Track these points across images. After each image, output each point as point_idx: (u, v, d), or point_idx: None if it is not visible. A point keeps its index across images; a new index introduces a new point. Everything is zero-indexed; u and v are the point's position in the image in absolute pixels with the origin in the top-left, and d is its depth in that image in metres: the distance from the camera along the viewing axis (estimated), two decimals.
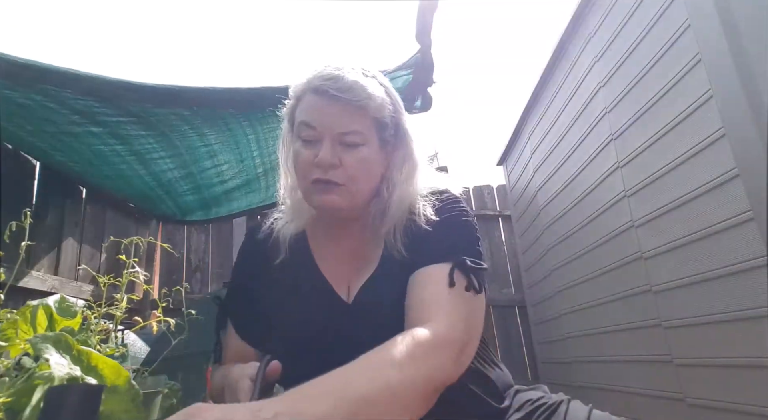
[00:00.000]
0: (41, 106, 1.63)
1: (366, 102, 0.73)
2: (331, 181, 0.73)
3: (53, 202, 2.24)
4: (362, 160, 0.75)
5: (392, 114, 0.78)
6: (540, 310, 3.23)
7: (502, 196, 3.81)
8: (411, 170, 0.80)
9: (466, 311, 0.66)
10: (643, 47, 1.79)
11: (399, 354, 0.54)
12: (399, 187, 0.78)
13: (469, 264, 0.70)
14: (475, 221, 0.80)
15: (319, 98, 0.74)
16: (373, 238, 0.80)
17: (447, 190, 0.83)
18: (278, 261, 0.83)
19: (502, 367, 0.85)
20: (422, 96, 2.10)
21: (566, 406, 0.74)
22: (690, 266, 1.62)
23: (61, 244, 2.25)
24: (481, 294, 0.71)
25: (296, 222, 0.83)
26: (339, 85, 0.72)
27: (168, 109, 1.76)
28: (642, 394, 2.01)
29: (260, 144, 2.19)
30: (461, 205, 0.80)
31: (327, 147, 0.72)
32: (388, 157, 0.80)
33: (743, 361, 1.42)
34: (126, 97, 1.63)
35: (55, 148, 1.97)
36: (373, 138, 0.76)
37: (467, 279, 0.69)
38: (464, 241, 0.75)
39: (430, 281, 0.69)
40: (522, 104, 3.15)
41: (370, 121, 0.75)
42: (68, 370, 0.54)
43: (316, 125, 0.74)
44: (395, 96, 0.80)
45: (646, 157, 1.83)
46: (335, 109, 0.73)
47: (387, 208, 0.78)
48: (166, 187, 2.49)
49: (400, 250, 0.76)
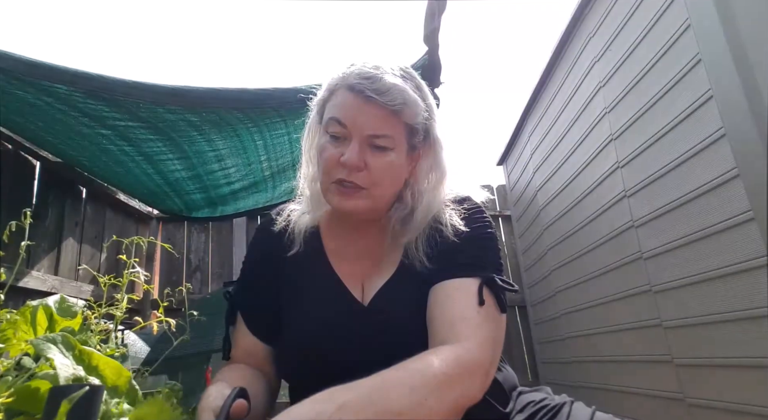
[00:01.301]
0: (52, 107, 1.65)
1: (401, 107, 0.70)
2: (355, 184, 0.71)
3: (53, 202, 2.24)
4: (388, 165, 0.72)
5: (425, 120, 0.75)
6: (540, 310, 3.23)
7: (502, 196, 3.81)
8: (439, 179, 0.78)
9: (494, 331, 0.66)
10: (643, 47, 1.79)
11: (437, 374, 0.55)
12: (425, 196, 0.77)
13: (498, 282, 0.69)
14: (494, 230, 0.79)
15: (354, 96, 0.71)
16: (392, 243, 0.79)
17: (469, 197, 0.81)
18: (291, 253, 0.81)
19: (508, 368, 0.84)
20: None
21: (569, 408, 0.74)
22: (690, 266, 1.62)
23: (61, 244, 2.25)
24: (505, 313, 0.70)
25: (313, 213, 0.82)
26: (376, 86, 0.69)
27: (177, 115, 1.76)
28: (642, 394, 2.01)
29: (268, 149, 2.20)
30: (485, 216, 0.79)
31: (354, 148, 0.70)
32: (413, 163, 0.78)
33: (743, 361, 1.42)
34: (134, 96, 1.63)
35: (64, 142, 1.98)
36: (402, 143, 0.74)
37: (496, 298, 0.68)
38: (492, 257, 0.74)
39: (459, 296, 0.68)
40: (522, 104, 3.15)
41: (402, 127, 0.73)
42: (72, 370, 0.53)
43: (347, 123, 0.71)
44: (430, 101, 0.78)
45: (646, 157, 1.83)
46: (369, 110, 0.70)
47: (411, 216, 0.76)
48: (174, 186, 2.50)
49: (422, 260, 0.74)
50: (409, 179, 0.78)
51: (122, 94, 1.61)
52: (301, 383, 0.77)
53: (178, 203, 2.82)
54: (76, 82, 1.52)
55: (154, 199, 2.78)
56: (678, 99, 1.61)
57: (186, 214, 3.10)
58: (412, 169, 0.78)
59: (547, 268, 2.98)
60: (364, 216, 0.78)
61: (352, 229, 0.82)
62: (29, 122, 1.80)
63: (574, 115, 2.42)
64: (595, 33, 2.16)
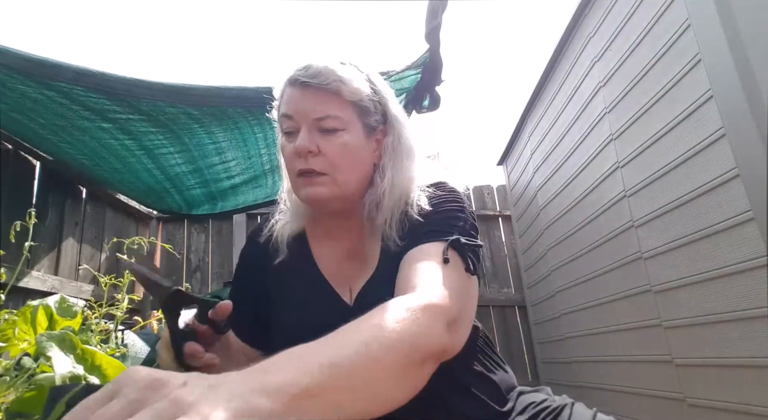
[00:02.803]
0: (53, 102, 1.66)
1: (338, 85, 0.72)
2: (314, 170, 0.73)
3: (53, 202, 2.24)
4: (342, 146, 0.73)
5: (373, 98, 0.76)
6: (540, 310, 3.23)
7: (502, 196, 3.80)
8: (401, 156, 0.79)
9: (459, 288, 0.62)
10: (643, 47, 1.79)
11: (381, 317, 0.50)
12: (388, 173, 0.77)
13: (464, 242, 0.67)
14: (473, 213, 0.77)
15: (293, 88, 0.75)
16: (372, 234, 0.79)
17: (445, 182, 0.81)
18: (277, 261, 0.82)
19: (507, 369, 0.83)
20: (430, 95, 2.11)
21: (570, 410, 0.73)
22: (690, 266, 1.62)
23: (61, 244, 2.25)
24: (475, 277, 0.68)
25: (294, 223, 0.83)
26: (310, 72, 0.72)
27: (178, 108, 1.77)
28: (642, 394, 2.01)
29: (268, 142, 2.21)
30: (457, 194, 0.78)
31: (303, 134, 0.72)
32: (379, 146, 0.79)
33: (743, 361, 1.42)
34: (136, 93, 1.64)
35: (64, 140, 1.99)
36: (354, 124, 0.75)
37: (462, 258, 0.66)
38: (459, 224, 0.72)
39: (422, 258, 0.65)
40: (522, 104, 3.15)
41: (348, 106, 0.74)
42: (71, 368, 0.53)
43: (293, 114, 0.74)
44: (379, 81, 0.79)
45: (646, 157, 1.83)
46: (308, 96, 0.73)
47: (381, 197, 0.76)
48: (174, 181, 2.50)
49: (396, 241, 0.73)
50: (378, 163, 0.79)
51: (124, 92, 1.63)
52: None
53: (178, 200, 2.83)
54: (78, 80, 1.53)
55: (154, 197, 2.78)
56: (678, 99, 1.61)
57: (186, 212, 3.11)
58: (378, 153, 0.79)
59: (547, 268, 2.98)
60: (335, 205, 0.77)
61: (334, 229, 0.83)
62: (30, 119, 1.81)
63: (574, 115, 2.42)
64: (595, 33, 2.16)
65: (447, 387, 0.70)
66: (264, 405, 0.36)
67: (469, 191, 3.68)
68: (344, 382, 0.43)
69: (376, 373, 0.45)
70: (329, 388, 0.41)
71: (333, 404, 0.42)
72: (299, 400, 0.38)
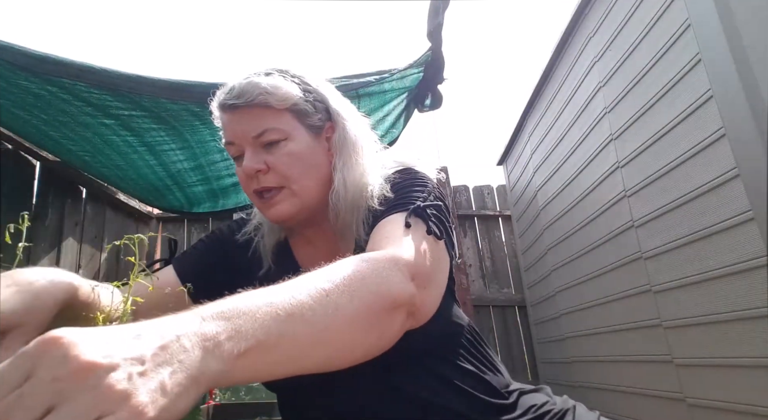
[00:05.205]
0: (56, 97, 1.67)
1: (264, 97, 0.71)
2: (269, 187, 0.72)
3: (53, 202, 2.24)
4: (289, 156, 0.72)
5: (309, 99, 0.75)
6: (540, 310, 3.23)
7: (502, 196, 3.80)
8: (349, 151, 0.77)
9: (422, 248, 0.61)
10: (643, 47, 1.79)
11: (340, 267, 0.49)
12: (338, 171, 0.75)
13: (424, 206, 0.66)
14: (442, 193, 0.75)
15: (224, 113, 0.75)
16: (346, 234, 0.77)
17: (410, 167, 0.79)
18: (262, 272, 0.80)
19: (500, 367, 0.80)
20: (432, 94, 2.11)
21: (572, 415, 0.72)
22: (690, 266, 1.62)
23: (61, 244, 2.25)
24: (442, 243, 0.66)
25: (271, 237, 0.82)
26: (233, 93, 0.72)
27: (180, 105, 1.78)
28: (642, 394, 2.01)
29: None
30: (420, 174, 0.76)
31: (248, 155, 0.72)
32: (330, 144, 0.78)
33: (743, 361, 1.42)
34: (138, 90, 1.66)
35: (66, 136, 1.99)
36: (296, 129, 0.74)
37: (425, 223, 0.65)
38: (422, 195, 0.70)
39: (385, 226, 0.65)
40: (522, 104, 3.15)
41: (284, 114, 0.73)
42: None
43: (233, 139, 0.74)
44: (314, 80, 0.78)
45: (646, 157, 1.83)
46: (240, 117, 0.73)
47: (336, 196, 0.75)
48: (176, 178, 2.50)
49: (365, 237, 0.71)
50: (333, 161, 0.78)
51: (127, 89, 1.64)
52: (284, 393, 0.78)
53: (180, 198, 2.83)
54: (81, 76, 1.54)
55: (156, 195, 2.78)
56: (678, 99, 1.61)
57: (187, 210, 3.11)
58: (330, 150, 0.78)
59: (547, 268, 2.98)
60: (302, 216, 0.76)
61: (313, 237, 0.82)
62: (32, 116, 1.81)
63: (574, 115, 2.42)
64: (595, 33, 2.16)
65: (434, 382, 0.69)
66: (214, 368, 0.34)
67: (468, 192, 3.69)
68: (303, 331, 0.41)
69: (337, 321, 0.44)
70: (287, 338, 0.40)
71: (293, 355, 0.41)
72: (254, 356, 0.37)
